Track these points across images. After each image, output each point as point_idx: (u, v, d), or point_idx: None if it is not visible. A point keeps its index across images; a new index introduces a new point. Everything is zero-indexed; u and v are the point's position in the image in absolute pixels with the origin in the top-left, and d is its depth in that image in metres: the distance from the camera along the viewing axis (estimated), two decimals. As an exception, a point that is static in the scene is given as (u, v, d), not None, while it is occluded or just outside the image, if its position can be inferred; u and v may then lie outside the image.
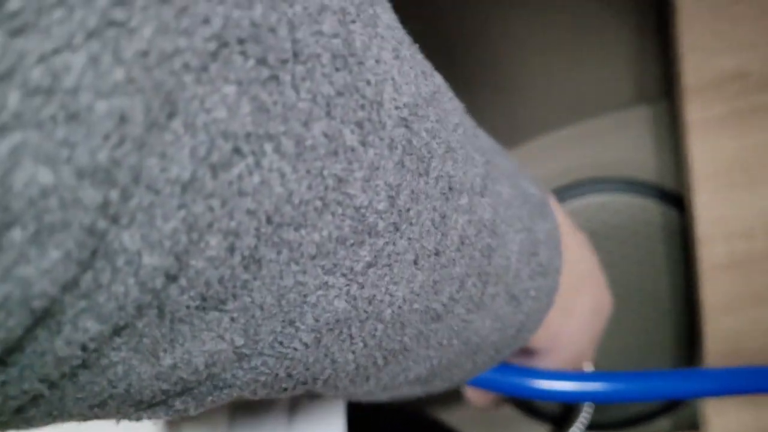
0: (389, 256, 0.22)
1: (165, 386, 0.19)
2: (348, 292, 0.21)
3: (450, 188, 0.24)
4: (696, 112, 0.58)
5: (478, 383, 0.47)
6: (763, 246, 0.60)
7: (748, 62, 0.56)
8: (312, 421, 0.44)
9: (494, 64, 0.65)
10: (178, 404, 0.21)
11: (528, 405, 0.70)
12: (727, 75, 0.57)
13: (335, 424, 0.44)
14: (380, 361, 0.25)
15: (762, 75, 0.56)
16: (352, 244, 0.20)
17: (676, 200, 0.64)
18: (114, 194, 0.15)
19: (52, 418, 0.18)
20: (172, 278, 0.16)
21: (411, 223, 0.22)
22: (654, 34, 0.62)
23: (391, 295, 0.23)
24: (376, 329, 0.23)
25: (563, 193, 0.64)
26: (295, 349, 0.21)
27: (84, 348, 0.17)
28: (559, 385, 0.49)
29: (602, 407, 0.67)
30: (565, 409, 0.71)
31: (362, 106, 0.19)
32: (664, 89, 0.63)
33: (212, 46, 0.15)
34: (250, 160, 0.16)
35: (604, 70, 0.64)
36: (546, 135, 0.64)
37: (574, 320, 0.40)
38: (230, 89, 0.16)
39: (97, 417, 0.20)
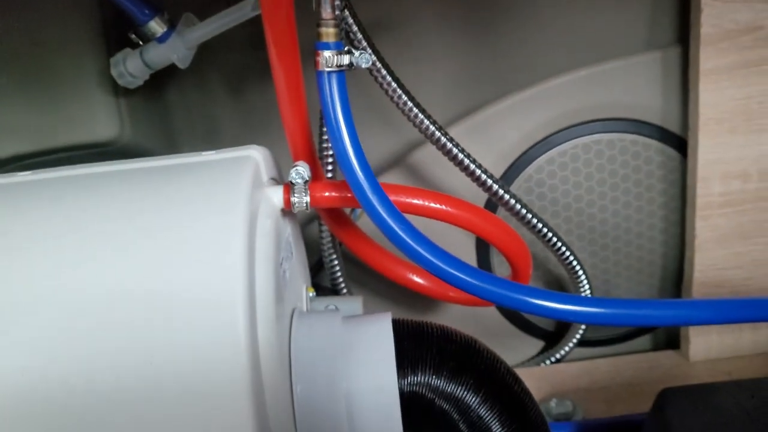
0: None
1: None
2: None
3: None
4: (709, 60, 0.59)
5: (490, 297, 0.47)
6: (756, 187, 0.62)
7: (763, 16, 0.57)
8: (364, 335, 0.46)
9: (515, 8, 0.65)
10: None
11: (523, 321, 0.73)
12: (742, 27, 0.58)
13: (385, 338, 0.46)
14: None
15: (773, 29, 0.58)
16: None
17: (677, 141, 0.65)
18: None
19: None
20: None
21: None
22: (671, -17, 0.62)
23: None
24: None
25: (575, 130, 0.65)
26: None
27: None
28: (559, 306, 0.50)
29: (593, 326, 0.70)
30: (558, 326, 0.74)
31: None
32: (676, 37, 0.63)
33: None
34: None
35: (620, 16, 0.64)
36: (562, 76, 0.65)
37: None
38: None
39: None
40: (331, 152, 0.59)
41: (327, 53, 0.43)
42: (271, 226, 0.44)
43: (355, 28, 0.53)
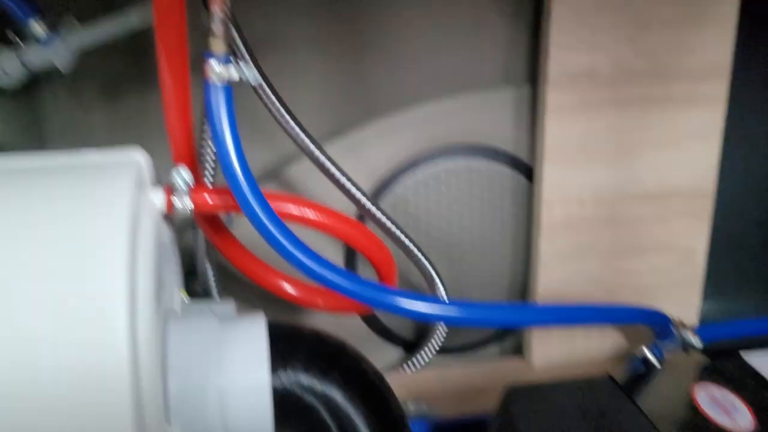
0: None
1: None
2: None
3: None
4: (555, 99, 0.66)
5: (354, 296, 0.50)
6: (591, 212, 0.70)
7: (599, 63, 0.65)
8: (238, 334, 0.48)
9: (384, 39, 0.69)
10: None
11: (384, 330, 0.77)
12: (582, 71, 0.65)
13: (258, 339, 0.47)
14: None
15: (608, 75, 0.65)
16: None
17: (525, 169, 0.72)
18: None
19: None
20: None
21: None
22: (526, 28, 0.69)
23: None
24: None
25: (436, 154, 0.70)
26: None
27: None
28: (421, 307, 0.54)
29: (447, 335, 0.75)
30: (417, 335, 0.79)
31: None
32: (528, 76, 0.70)
33: None
34: None
35: (481, 54, 0.70)
36: (428, 104, 0.69)
37: None
38: None
39: None
40: (210, 156, 0.60)
41: (216, 66, 0.45)
42: (152, 226, 0.44)
43: (239, 41, 0.55)
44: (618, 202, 0.70)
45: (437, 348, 0.74)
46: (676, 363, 0.67)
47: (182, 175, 0.48)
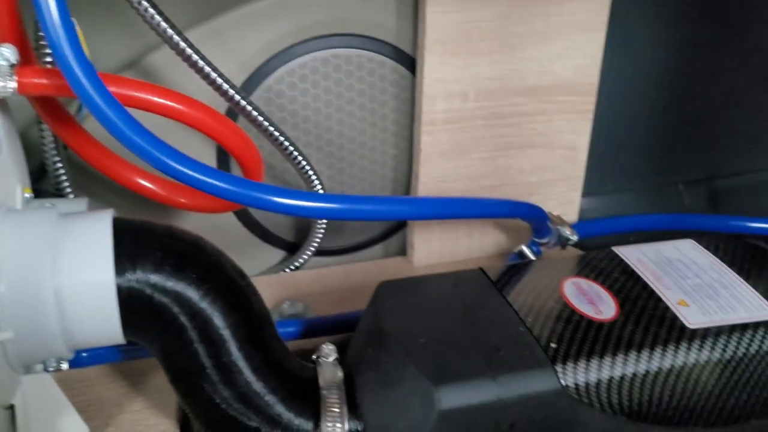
0: None
1: None
2: None
3: None
4: (436, -16, 0.62)
5: (229, 197, 0.47)
6: (473, 107, 0.67)
7: (482, -55, 0.61)
8: (79, 230, 0.43)
9: None
10: None
11: (264, 231, 0.74)
12: (464, -46, 0.61)
13: (103, 234, 0.43)
14: None
15: (491, -41, 0.62)
16: None
17: (409, 61, 0.69)
18: None
19: None
20: None
21: None
22: None
23: None
24: None
25: (315, 43, 0.66)
26: None
27: None
28: (302, 203, 0.50)
29: (329, 236, 0.73)
30: (299, 236, 0.76)
31: None
32: (410, -40, 0.66)
33: None
34: None
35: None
36: (303, -13, 0.65)
37: None
38: None
39: None
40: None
41: None
42: (-34, 109, 0.39)
43: None
44: (501, 97, 0.68)
45: (314, 248, 0.72)
46: (549, 258, 0.68)
47: (3, 53, 0.42)
